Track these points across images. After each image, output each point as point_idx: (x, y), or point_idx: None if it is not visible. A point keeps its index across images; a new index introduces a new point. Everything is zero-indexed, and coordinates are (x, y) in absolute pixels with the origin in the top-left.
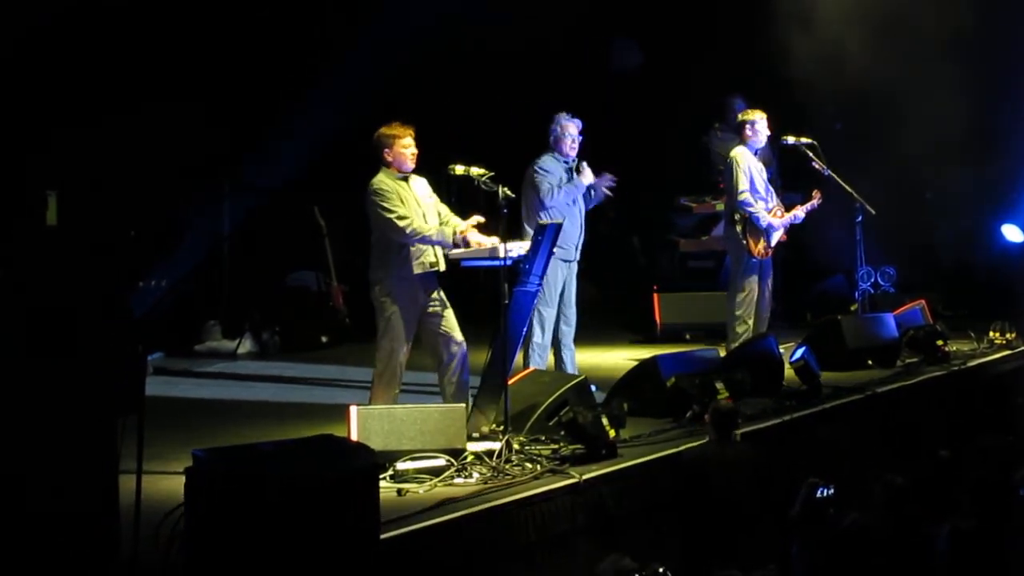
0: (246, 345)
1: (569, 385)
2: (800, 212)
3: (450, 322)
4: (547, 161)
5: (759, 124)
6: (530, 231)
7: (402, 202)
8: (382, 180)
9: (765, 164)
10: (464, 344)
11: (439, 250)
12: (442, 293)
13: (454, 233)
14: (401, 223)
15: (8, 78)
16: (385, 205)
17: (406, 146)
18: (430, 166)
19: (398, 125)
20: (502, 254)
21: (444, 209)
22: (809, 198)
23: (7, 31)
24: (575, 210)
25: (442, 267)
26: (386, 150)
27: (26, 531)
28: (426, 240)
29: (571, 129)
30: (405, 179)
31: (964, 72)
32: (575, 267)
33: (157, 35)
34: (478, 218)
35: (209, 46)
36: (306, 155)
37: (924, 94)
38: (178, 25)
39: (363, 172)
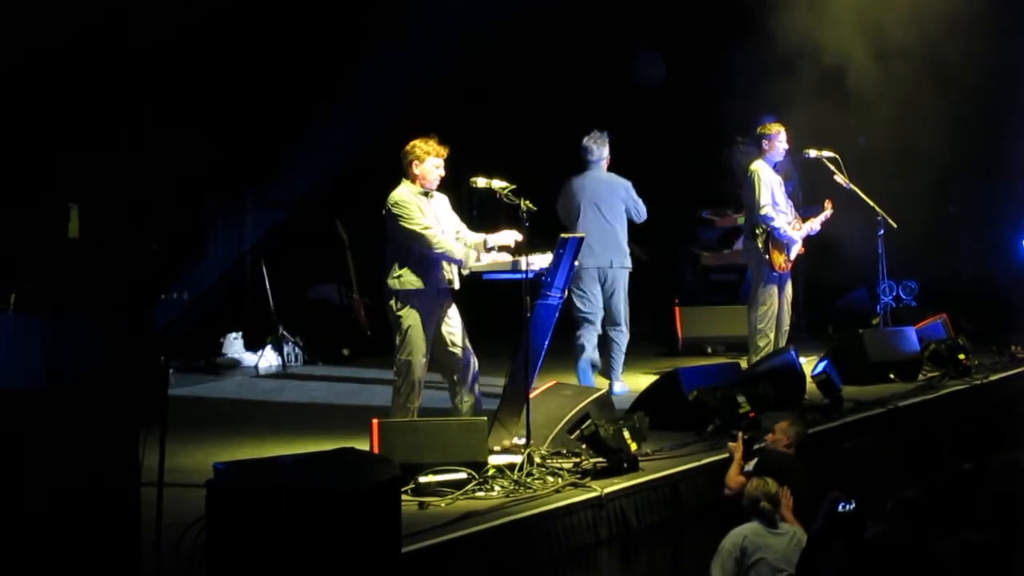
0: (268, 358)
1: (591, 398)
2: (815, 224)
3: (460, 338)
4: None
5: (778, 138)
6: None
7: (422, 214)
8: (402, 193)
9: (785, 178)
10: (475, 360)
11: (455, 268)
12: (454, 308)
13: (478, 257)
14: (427, 233)
15: (32, 91)
16: (407, 216)
17: (436, 166)
18: (451, 180)
19: (435, 143)
20: (524, 267)
21: (462, 227)
22: (824, 210)
23: (33, 45)
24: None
25: (456, 285)
26: (415, 162)
27: (47, 543)
28: (447, 256)
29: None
30: (426, 194)
31: (987, 85)
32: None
33: (180, 49)
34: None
35: (232, 61)
36: (328, 169)
37: (947, 108)
38: (201, 40)
39: (386, 185)
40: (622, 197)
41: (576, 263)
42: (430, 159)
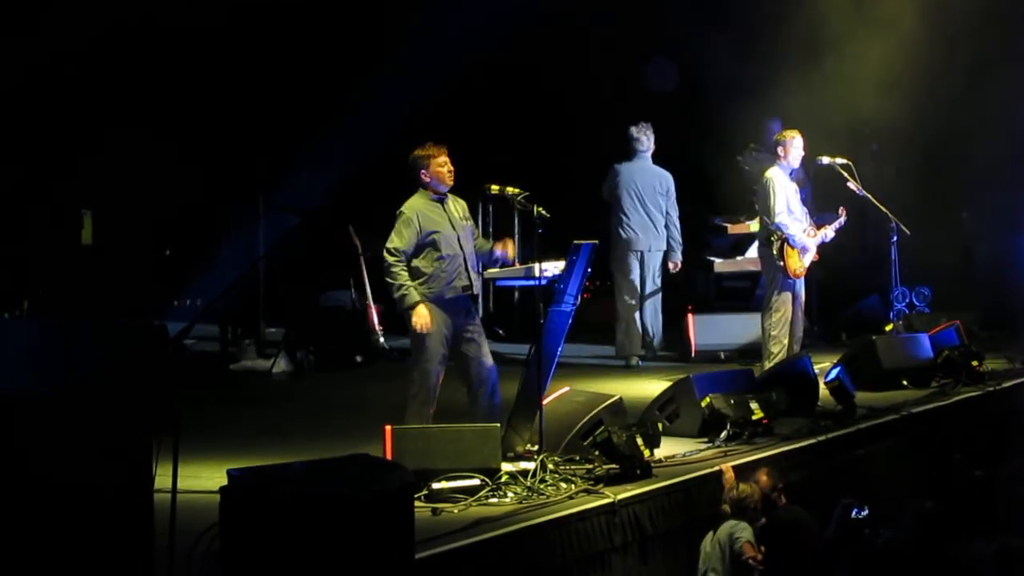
0: (281, 364)
1: (604, 405)
2: (829, 231)
3: (482, 347)
4: None
5: (794, 145)
6: None
7: (420, 229)
8: (410, 204)
9: (799, 185)
10: (495, 368)
11: (472, 274)
12: (477, 318)
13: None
14: (386, 256)
15: (46, 98)
16: (396, 228)
17: (441, 164)
18: (463, 187)
19: (431, 145)
20: (537, 273)
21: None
22: (838, 217)
23: (47, 51)
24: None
25: (475, 291)
26: (422, 171)
27: (60, 549)
28: (392, 286)
29: None
30: (441, 200)
31: (1004, 91)
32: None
33: (194, 57)
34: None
35: (245, 67)
36: (341, 174)
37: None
38: (216, 48)
39: (400, 190)
40: (664, 188)
41: (588, 269)
42: (434, 161)
